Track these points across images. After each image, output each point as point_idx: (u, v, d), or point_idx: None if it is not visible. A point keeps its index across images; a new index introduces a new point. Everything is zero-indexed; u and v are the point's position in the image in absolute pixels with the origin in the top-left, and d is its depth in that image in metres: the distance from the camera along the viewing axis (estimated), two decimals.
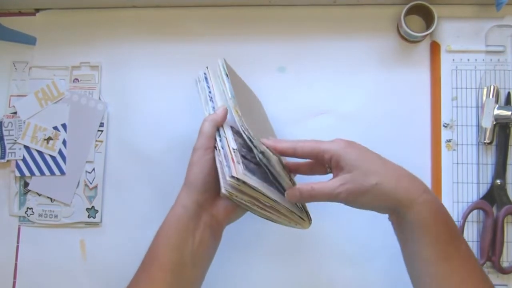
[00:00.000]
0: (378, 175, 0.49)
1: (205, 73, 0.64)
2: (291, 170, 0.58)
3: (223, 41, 0.72)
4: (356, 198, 0.50)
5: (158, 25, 0.73)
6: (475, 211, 0.65)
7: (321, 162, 0.55)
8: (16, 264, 0.70)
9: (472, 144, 0.67)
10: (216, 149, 0.57)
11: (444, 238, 0.49)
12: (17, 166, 0.71)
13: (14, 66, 0.73)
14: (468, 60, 0.68)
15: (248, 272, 0.68)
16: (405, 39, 0.70)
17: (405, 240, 0.51)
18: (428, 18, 0.68)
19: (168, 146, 0.71)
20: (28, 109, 0.71)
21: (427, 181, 0.68)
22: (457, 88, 0.67)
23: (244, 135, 0.54)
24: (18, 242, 0.71)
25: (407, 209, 0.49)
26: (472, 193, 0.66)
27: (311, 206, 0.57)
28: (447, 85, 0.67)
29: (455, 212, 0.65)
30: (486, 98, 0.66)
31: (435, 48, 0.69)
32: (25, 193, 0.71)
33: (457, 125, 0.67)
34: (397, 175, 0.50)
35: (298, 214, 0.55)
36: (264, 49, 0.71)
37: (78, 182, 0.71)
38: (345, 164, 0.50)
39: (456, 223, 0.65)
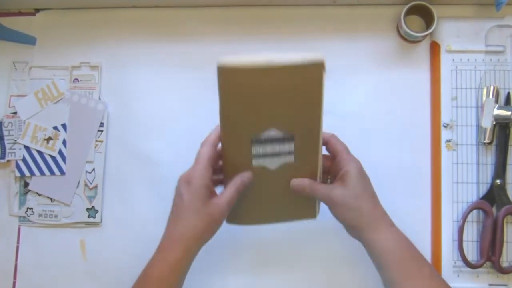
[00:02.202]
0: (364, 201, 0.57)
1: None
2: None
3: (223, 41, 0.72)
4: (341, 208, 0.57)
5: (158, 25, 0.73)
6: (475, 211, 0.65)
7: (332, 166, 0.60)
8: (16, 264, 0.70)
9: (472, 144, 0.67)
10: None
11: (407, 259, 0.55)
12: (17, 166, 0.71)
13: (14, 66, 0.73)
14: (468, 60, 0.68)
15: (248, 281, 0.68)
16: (405, 39, 0.70)
17: (374, 262, 0.58)
18: (428, 18, 0.68)
19: (168, 146, 0.71)
20: (28, 109, 0.71)
21: (427, 181, 0.68)
22: (457, 88, 0.67)
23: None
24: (18, 242, 0.71)
25: (374, 235, 0.56)
26: (472, 193, 0.66)
27: None
28: (447, 85, 0.67)
29: (455, 212, 0.65)
30: (486, 98, 0.66)
31: (435, 48, 0.69)
32: (25, 193, 0.71)
33: (457, 125, 0.67)
34: (375, 209, 0.57)
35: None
36: (264, 49, 0.71)
37: (78, 182, 0.71)
38: (350, 180, 0.57)
39: (456, 223, 0.65)
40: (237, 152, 0.57)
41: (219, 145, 0.58)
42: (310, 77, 0.54)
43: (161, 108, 0.71)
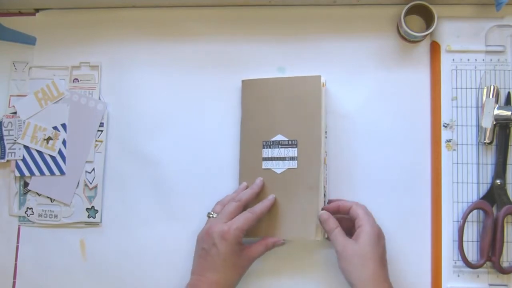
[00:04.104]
0: (367, 261, 0.59)
1: None
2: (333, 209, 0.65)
3: (223, 41, 0.72)
4: (345, 262, 0.60)
5: (158, 25, 0.73)
6: (475, 211, 0.65)
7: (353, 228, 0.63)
8: (16, 264, 0.70)
9: (472, 144, 0.66)
10: None
11: None
12: (17, 166, 0.71)
13: (14, 66, 0.73)
14: (468, 60, 0.68)
15: None
16: (405, 39, 0.70)
17: None
18: (428, 18, 0.68)
19: (168, 146, 0.71)
20: (28, 109, 0.71)
21: (427, 181, 0.68)
22: (457, 88, 0.67)
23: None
24: (18, 242, 0.71)
25: None
26: (472, 193, 0.66)
27: None
28: (447, 85, 0.67)
29: (455, 212, 0.65)
30: (486, 98, 0.66)
31: (435, 48, 0.69)
32: (25, 193, 0.71)
33: (457, 125, 0.67)
34: (374, 273, 0.58)
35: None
36: (264, 49, 0.71)
37: (78, 182, 0.71)
38: (363, 239, 0.60)
39: (456, 223, 0.65)
40: (251, 154, 0.67)
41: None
42: (310, 89, 0.65)
43: (161, 108, 0.71)
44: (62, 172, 0.71)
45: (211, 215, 0.64)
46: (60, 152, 0.71)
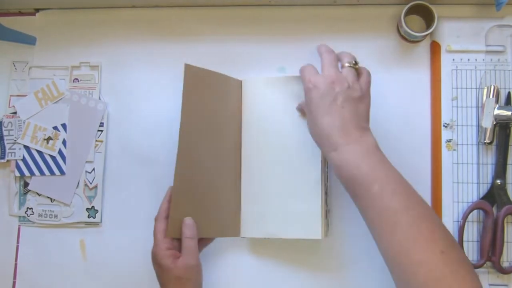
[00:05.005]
0: (315, 117, 0.57)
1: None
2: None
3: (223, 41, 0.72)
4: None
5: (158, 25, 0.73)
6: (475, 211, 0.65)
7: None
8: (16, 264, 0.70)
9: (472, 144, 0.66)
10: None
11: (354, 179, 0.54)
12: (17, 166, 0.71)
13: (14, 66, 0.73)
14: (468, 60, 0.68)
15: None
16: (405, 39, 0.70)
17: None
18: (428, 18, 0.68)
19: (168, 146, 0.71)
20: (28, 109, 0.71)
21: (427, 181, 0.68)
22: (457, 88, 0.67)
23: None
24: (18, 242, 0.71)
25: (325, 153, 0.57)
26: (472, 193, 0.66)
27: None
28: (447, 85, 0.67)
29: (455, 212, 0.65)
30: (486, 98, 0.66)
31: (435, 48, 0.69)
32: (25, 193, 0.71)
33: (457, 125, 0.67)
34: (322, 128, 0.57)
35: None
36: (264, 49, 0.71)
37: (78, 182, 0.71)
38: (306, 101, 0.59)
39: (457, 223, 0.65)
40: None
41: None
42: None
43: (161, 108, 0.71)
44: (62, 172, 0.71)
45: None
46: (60, 152, 0.71)
